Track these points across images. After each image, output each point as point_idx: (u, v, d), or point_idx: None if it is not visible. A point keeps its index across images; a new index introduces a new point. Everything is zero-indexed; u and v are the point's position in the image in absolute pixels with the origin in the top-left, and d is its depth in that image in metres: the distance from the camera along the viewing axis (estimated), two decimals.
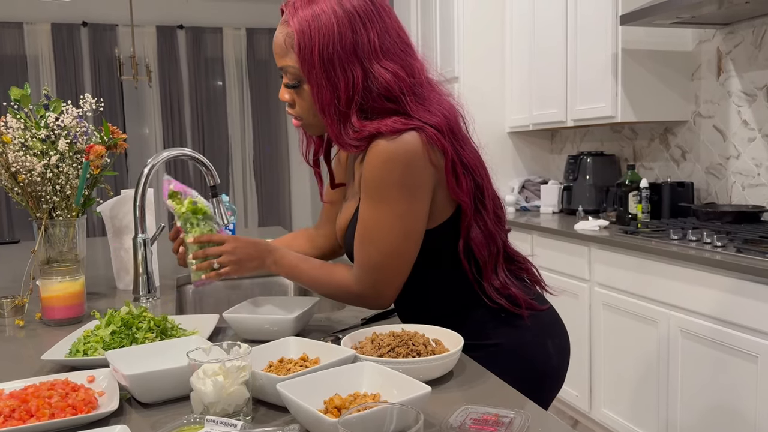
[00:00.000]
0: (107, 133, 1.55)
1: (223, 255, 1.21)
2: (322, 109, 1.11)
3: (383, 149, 1.09)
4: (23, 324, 1.40)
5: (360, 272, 1.17)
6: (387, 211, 1.12)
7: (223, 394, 0.84)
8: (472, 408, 0.90)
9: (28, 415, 0.85)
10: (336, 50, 1.08)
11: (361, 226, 1.15)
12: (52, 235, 1.49)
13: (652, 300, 2.37)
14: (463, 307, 1.23)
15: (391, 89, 1.10)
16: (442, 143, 1.11)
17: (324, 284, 1.23)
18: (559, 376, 1.29)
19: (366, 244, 1.15)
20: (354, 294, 1.20)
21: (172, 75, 7.31)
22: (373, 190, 1.12)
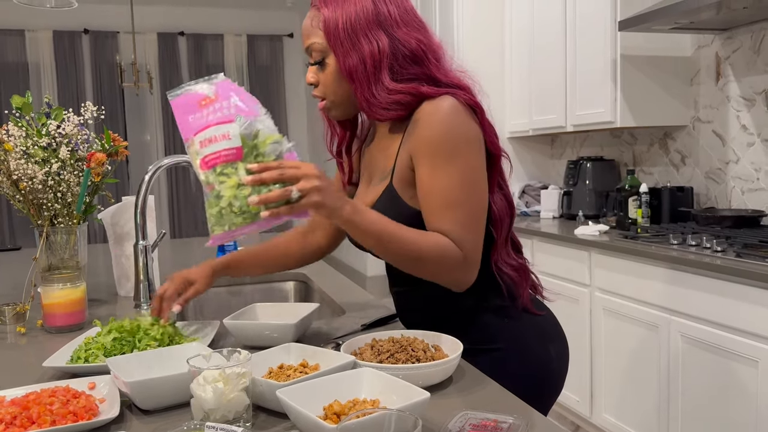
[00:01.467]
0: (108, 140, 1.56)
1: (303, 179, 0.94)
2: (350, 74, 1.12)
3: (436, 108, 1.09)
4: (24, 331, 1.41)
5: (460, 235, 1.07)
6: (462, 166, 1.08)
7: (223, 401, 0.84)
8: (471, 413, 0.91)
9: (30, 422, 0.85)
10: (359, 20, 1.11)
11: (438, 192, 1.08)
12: (53, 242, 1.50)
13: (653, 305, 2.38)
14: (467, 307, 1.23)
15: (416, 52, 1.12)
16: (475, 100, 1.14)
17: (433, 253, 1.06)
18: (559, 381, 1.29)
19: (452, 209, 1.07)
20: (461, 257, 1.08)
21: (174, 82, 7.34)
22: (441, 149, 1.08)
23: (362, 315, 1.45)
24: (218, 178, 0.94)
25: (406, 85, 1.11)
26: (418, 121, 1.11)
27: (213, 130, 0.94)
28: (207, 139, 0.95)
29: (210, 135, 0.94)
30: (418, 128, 1.10)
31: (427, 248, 1.06)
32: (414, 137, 1.11)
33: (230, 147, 0.94)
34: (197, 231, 7.42)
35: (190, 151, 0.97)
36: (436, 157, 1.08)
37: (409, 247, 1.05)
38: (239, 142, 0.94)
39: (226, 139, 0.94)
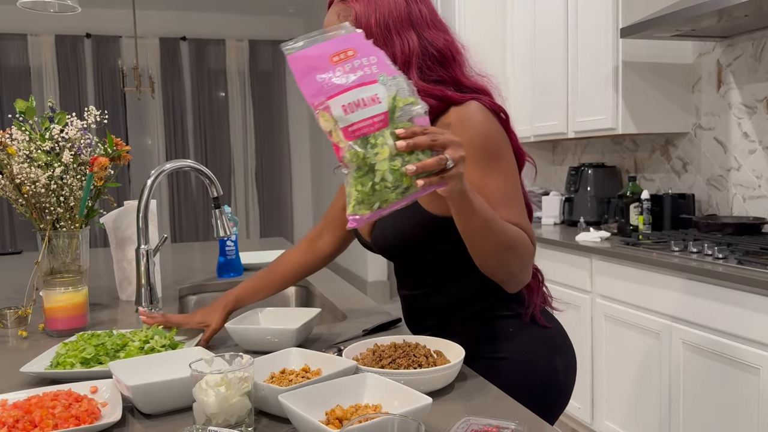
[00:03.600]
0: (111, 145, 1.57)
1: (451, 146, 0.84)
2: None
3: (467, 113, 1.09)
4: (26, 335, 1.41)
5: (527, 229, 1.08)
6: (507, 165, 1.10)
7: (226, 405, 0.84)
8: (472, 419, 0.91)
9: (32, 425, 0.85)
10: (392, 17, 1.11)
11: (494, 192, 1.07)
12: (55, 246, 1.50)
13: (654, 311, 2.37)
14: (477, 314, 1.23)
15: (443, 52, 1.12)
16: (499, 105, 1.14)
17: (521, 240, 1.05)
18: (565, 394, 1.29)
19: (511, 205, 1.08)
20: (533, 251, 1.09)
21: (175, 86, 7.36)
22: (485, 152, 1.07)
23: (364, 320, 1.45)
24: (372, 150, 0.81)
25: (433, 87, 1.11)
26: (448, 127, 1.09)
27: (357, 92, 0.81)
28: (353, 103, 0.81)
29: (356, 98, 0.81)
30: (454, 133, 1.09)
31: (518, 237, 1.04)
32: None
33: (381, 112, 0.81)
34: (198, 236, 7.42)
35: (323, 116, 0.83)
36: (482, 160, 1.07)
37: (506, 234, 1.02)
38: (386, 106, 0.82)
39: (376, 103, 0.81)
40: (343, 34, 0.83)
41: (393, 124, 0.82)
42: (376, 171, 0.81)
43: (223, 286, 1.99)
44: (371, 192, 0.82)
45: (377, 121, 0.81)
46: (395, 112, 0.82)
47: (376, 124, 0.81)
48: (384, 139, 0.81)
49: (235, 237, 2.06)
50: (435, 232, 1.13)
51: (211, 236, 2.01)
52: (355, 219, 0.84)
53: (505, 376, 1.16)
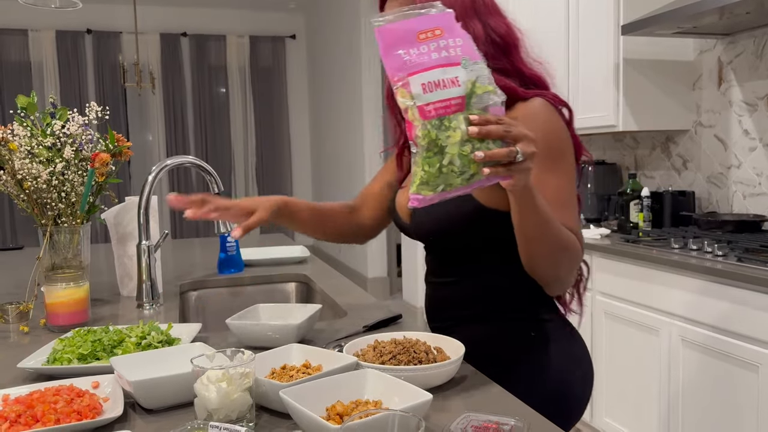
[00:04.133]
0: (112, 140, 1.57)
1: (524, 140, 0.84)
2: None
3: (534, 110, 1.08)
4: (28, 330, 1.41)
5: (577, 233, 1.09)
6: (567, 166, 1.09)
7: (227, 401, 0.85)
8: (473, 415, 0.91)
9: (34, 420, 0.85)
10: (457, 4, 1.09)
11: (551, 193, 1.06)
12: (56, 242, 1.51)
13: (654, 309, 2.38)
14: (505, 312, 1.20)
15: (506, 39, 1.12)
16: (564, 101, 1.13)
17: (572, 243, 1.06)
18: (581, 406, 1.27)
19: (565, 208, 1.08)
20: (582, 254, 1.10)
21: (176, 82, 7.36)
22: (548, 151, 1.06)
23: (364, 316, 1.46)
24: (444, 132, 0.81)
25: (500, 78, 1.07)
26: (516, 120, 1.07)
27: (440, 73, 0.80)
28: (433, 83, 0.80)
29: (436, 78, 0.80)
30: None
31: (571, 242, 1.05)
32: None
33: (458, 95, 0.81)
34: (198, 232, 7.42)
35: (401, 92, 0.83)
36: (543, 158, 1.05)
37: (561, 236, 1.02)
38: (464, 90, 0.81)
39: (455, 86, 0.81)
40: (434, 12, 0.83)
41: (468, 110, 0.81)
42: (446, 153, 0.81)
43: (223, 282, 1.99)
44: (437, 174, 0.82)
45: (454, 104, 0.80)
46: (472, 97, 0.82)
47: (452, 106, 0.80)
48: (458, 123, 0.81)
49: None
50: (480, 223, 1.10)
51: (211, 232, 2.04)
52: (417, 198, 0.84)
53: (521, 381, 1.14)
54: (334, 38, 6.69)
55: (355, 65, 5.99)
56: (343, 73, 6.42)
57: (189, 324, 1.33)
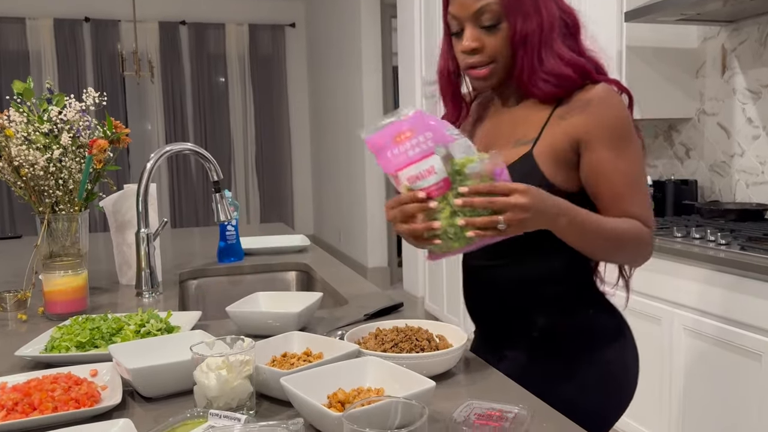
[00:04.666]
0: (110, 127, 1.55)
1: (511, 211, 0.93)
2: (524, 39, 1.07)
3: (607, 92, 1.10)
4: (26, 318, 1.40)
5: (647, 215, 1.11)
6: (637, 149, 1.11)
7: (227, 388, 0.84)
8: (476, 403, 0.90)
9: (31, 408, 0.84)
10: None
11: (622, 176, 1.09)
12: (54, 230, 1.49)
13: (656, 298, 2.37)
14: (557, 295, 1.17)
15: (575, 21, 1.13)
16: (625, 88, 1.15)
17: (631, 236, 1.08)
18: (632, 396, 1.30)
19: (636, 190, 1.10)
20: (650, 236, 1.11)
21: (175, 71, 7.31)
22: (621, 133, 1.09)
23: (365, 305, 1.44)
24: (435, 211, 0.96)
25: (578, 59, 1.10)
26: (589, 102, 1.08)
27: (417, 167, 0.94)
28: (414, 176, 0.94)
29: (416, 172, 0.94)
30: (593, 111, 1.08)
31: (627, 235, 1.07)
32: (586, 119, 1.08)
33: (438, 180, 0.94)
34: (198, 221, 7.41)
35: (398, 184, 0.98)
36: (617, 141, 1.08)
37: (613, 239, 1.07)
38: (444, 173, 0.94)
39: (432, 174, 0.94)
40: (402, 117, 0.96)
41: (454, 186, 0.94)
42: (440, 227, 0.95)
43: (223, 270, 1.98)
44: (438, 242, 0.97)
45: (436, 188, 0.94)
46: (456, 174, 0.94)
47: (436, 191, 0.94)
48: (447, 200, 0.94)
49: (236, 221, 2.04)
50: None
51: (211, 221, 2.02)
52: (431, 256, 1.02)
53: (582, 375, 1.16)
54: (333, 26, 6.65)
55: (354, 53, 5.96)
56: (342, 62, 6.38)
57: (188, 312, 1.32)
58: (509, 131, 1.16)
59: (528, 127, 1.13)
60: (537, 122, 1.12)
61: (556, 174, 1.09)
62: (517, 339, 1.19)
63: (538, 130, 1.11)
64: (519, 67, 1.10)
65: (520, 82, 1.12)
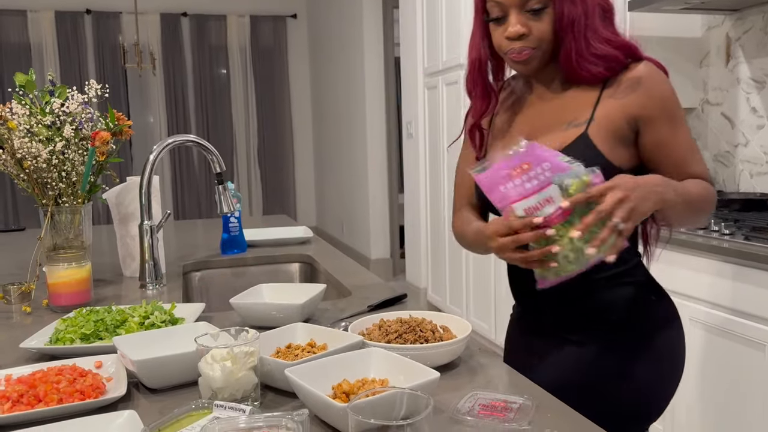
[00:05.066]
0: (113, 119, 1.55)
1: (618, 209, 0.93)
2: (571, 23, 1.08)
3: (655, 69, 1.13)
4: (30, 310, 1.40)
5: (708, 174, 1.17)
6: (683, 117, 1.15)
7: (232, 380, 0.84)
8: (480, 394, 0.90)
9: (36, 400, 0.85)
10: None
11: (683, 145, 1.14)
12: (58, 222, 1.49)
13: None
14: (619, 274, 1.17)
15: (609, 5, 1.15)
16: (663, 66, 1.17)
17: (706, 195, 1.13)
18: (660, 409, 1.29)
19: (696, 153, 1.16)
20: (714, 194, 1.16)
21: (176, 63, 7.30)
22: (675, 107, 1.14)
23: (368, 296, 1.44)
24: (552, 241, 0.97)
25: (621, 39, 1.12)
26: (640, 81, 1.11)
27: (536, 198, 0.96)
28: (533, 207, 0.96)
29: (534, 203, 0.96)
30: (645, 89, 1.11)
31: (703, 196, 1.11)
32: (640, 97, 1.10)
33: (557, 209, 0.95)
34: (200, 213, 7.41)
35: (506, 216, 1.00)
36: (672, 113, 1.13)
37: (696, 199, 1.10)
38: (563, 202, 0.95)
39: (551, 203, 0.95)
40: (520, 150, 0.97)
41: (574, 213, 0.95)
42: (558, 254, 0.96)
43: (226, 262, 1.98)
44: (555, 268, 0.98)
45: (558, 215, 0.95)
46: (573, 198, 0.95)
47: (558, 218, 0.95)
48: (566, 228, 0.95)
49: (239, 213, 2.04)
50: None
51: (214, 213, 2.01)
52: (543, 282, 1.01)
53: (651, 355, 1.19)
54: (335, 17, 6.62)
55: (356, 44, 5.94)
56: (344, 53, 6.36)
57: (192, 304, 1.32)
58: (557, 115, 1.16)
59: (578, 110, 1.14)
60: (587, 104, 1.13)
61: (612, 152, 1.10)
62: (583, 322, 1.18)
63: (590, 111, 1.12)
64: (566, 51, 1.10)
65: (568, 65, 1.12)
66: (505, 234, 0.99)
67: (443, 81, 4.12)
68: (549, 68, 1.16)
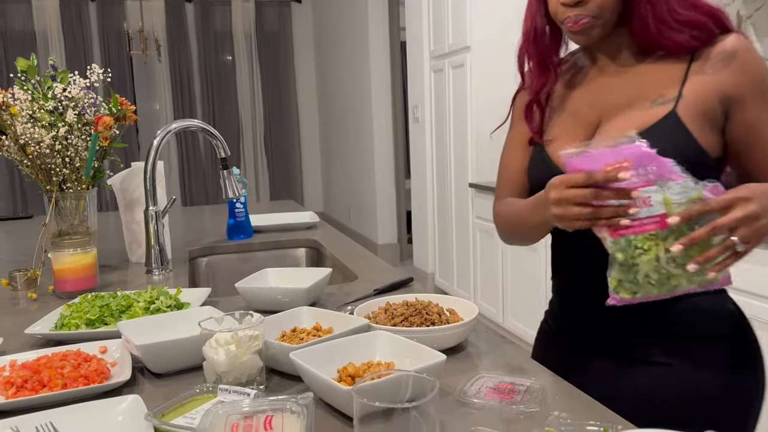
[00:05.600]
0: (116, 104, 1.54)
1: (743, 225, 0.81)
2: None
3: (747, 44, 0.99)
4: (36, 297, 1.40)
5: None
6: None
7: (236, 363, 0.83)
8: (487, 376, 0.89)
9: (41, 385, 0.84)
10: None
11: None
12: (62, 208, 1.49)
13: None
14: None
15: None
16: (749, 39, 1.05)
17: None
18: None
19: None
20: None
21: (181, 49, 7.27)
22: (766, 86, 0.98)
23: (375, 280, 1.43)
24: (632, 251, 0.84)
25: (711, 7, 0.99)
26: (734, 55, 0.97)
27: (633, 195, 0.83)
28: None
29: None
30: (740, 64, 0.97)
31: None
32: (734, 74, 0.97)
33: (654, 214, 0.82)
34: (208, 199, 7.42)
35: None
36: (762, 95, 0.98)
37: None
38: (662, 209, 0.82)
39: (648, 206, 0.82)
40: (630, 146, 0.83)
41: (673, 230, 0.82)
42: (639, 269, 0.84)
43: (233, 248, 1.98)
44: (634, 282, 0.85)
45: (654, 222, 0.82)
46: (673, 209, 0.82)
47: (653, 224, 0.82)
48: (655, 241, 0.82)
49: (244, 199, 2.03)
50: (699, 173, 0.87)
51: (221, 199, 2.03)
52: (615, 298, 0.87)
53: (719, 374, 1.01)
54: (340, 1, 6.57)
55: (361, 28, 5.89)
56: (349, 37, 6.31)
57: (198, 289, 1.31)
58: (632, 91, 1.02)
59: (662, 85, 1.00)
60: (672, 79, 0.99)
61: (703, 136, 0.96)
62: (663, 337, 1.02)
63: (678, 88, 0.98)
64: (641, 17, 0.98)
65: (645, 34, 0.99)
66: (574, 185, 0.85)
67: (449, 64, 4.08)
68: (615, 37, 1.03)
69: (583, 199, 0.84)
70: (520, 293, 3.40)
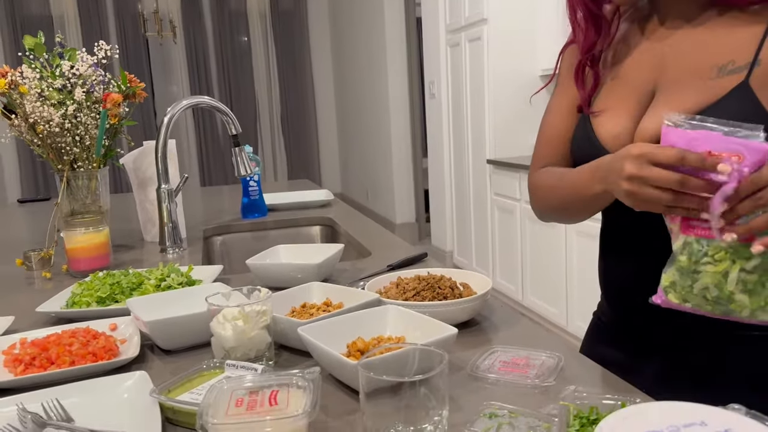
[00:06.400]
0: (124, 81, 1.52)
1: None
2: None
3: None
4: (50, 276, 1.40)
5: None
6: None
7: (244, 338, 0.82)
8: (501, 350, 0.87)
9: (49, 362, 0.84)
10: None
11: None
12: (74, 187, 1.48)
13: None
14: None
15: None
16: None
17: None
18: None
19: None
20: None
21: (197, 30, 7.26)
22: None
23: (389, 257, 1.41)
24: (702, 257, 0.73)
25: None
26: None
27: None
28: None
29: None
30: None
31: None
32: None
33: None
34: (227, 179, 7.45)
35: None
36: None
37: None
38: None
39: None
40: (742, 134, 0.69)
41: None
42: (699, 278, 0.73)
43: (247, 226, 1.97)
44: (688, 289, 0.74)
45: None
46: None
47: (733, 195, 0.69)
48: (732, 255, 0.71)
49: (258, 177, 2.02)
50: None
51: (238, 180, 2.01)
52: (662, 297, 0.77)
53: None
54: None
55: (377, 5, 5.81)
56: (365, 15, 6.24)
57: (210, 266, 1.30)
58: (698, 54, 0.86)
59: (733, 49, 0.83)
60: (746, 42, 0.82)
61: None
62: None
63: (753, 53, 0.81)
64: None
65: None
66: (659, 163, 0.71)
67: (466, 37, 4.01)
68: None
69: (666, 184, 0.71)
70: (540, 270, 3.37)
